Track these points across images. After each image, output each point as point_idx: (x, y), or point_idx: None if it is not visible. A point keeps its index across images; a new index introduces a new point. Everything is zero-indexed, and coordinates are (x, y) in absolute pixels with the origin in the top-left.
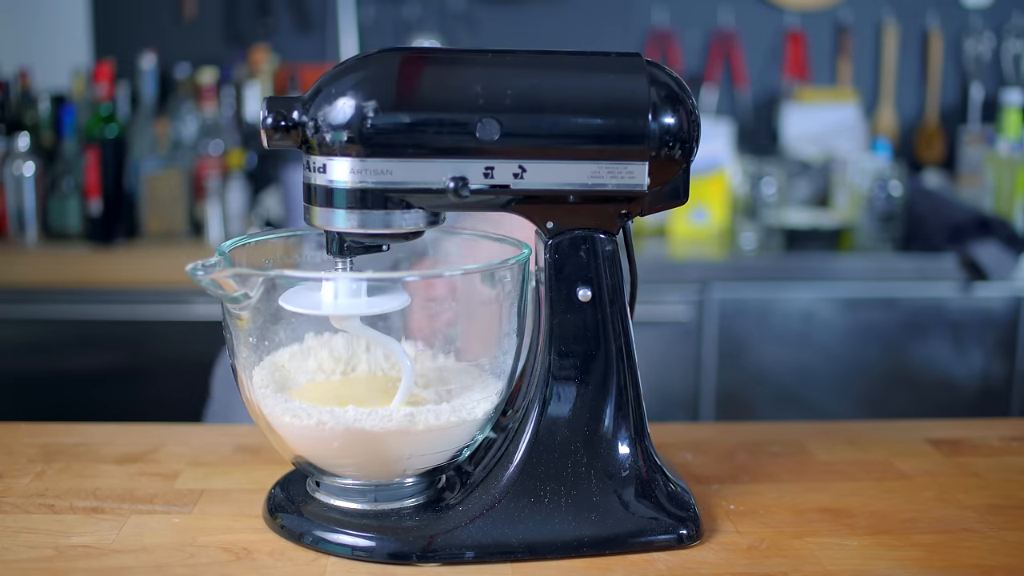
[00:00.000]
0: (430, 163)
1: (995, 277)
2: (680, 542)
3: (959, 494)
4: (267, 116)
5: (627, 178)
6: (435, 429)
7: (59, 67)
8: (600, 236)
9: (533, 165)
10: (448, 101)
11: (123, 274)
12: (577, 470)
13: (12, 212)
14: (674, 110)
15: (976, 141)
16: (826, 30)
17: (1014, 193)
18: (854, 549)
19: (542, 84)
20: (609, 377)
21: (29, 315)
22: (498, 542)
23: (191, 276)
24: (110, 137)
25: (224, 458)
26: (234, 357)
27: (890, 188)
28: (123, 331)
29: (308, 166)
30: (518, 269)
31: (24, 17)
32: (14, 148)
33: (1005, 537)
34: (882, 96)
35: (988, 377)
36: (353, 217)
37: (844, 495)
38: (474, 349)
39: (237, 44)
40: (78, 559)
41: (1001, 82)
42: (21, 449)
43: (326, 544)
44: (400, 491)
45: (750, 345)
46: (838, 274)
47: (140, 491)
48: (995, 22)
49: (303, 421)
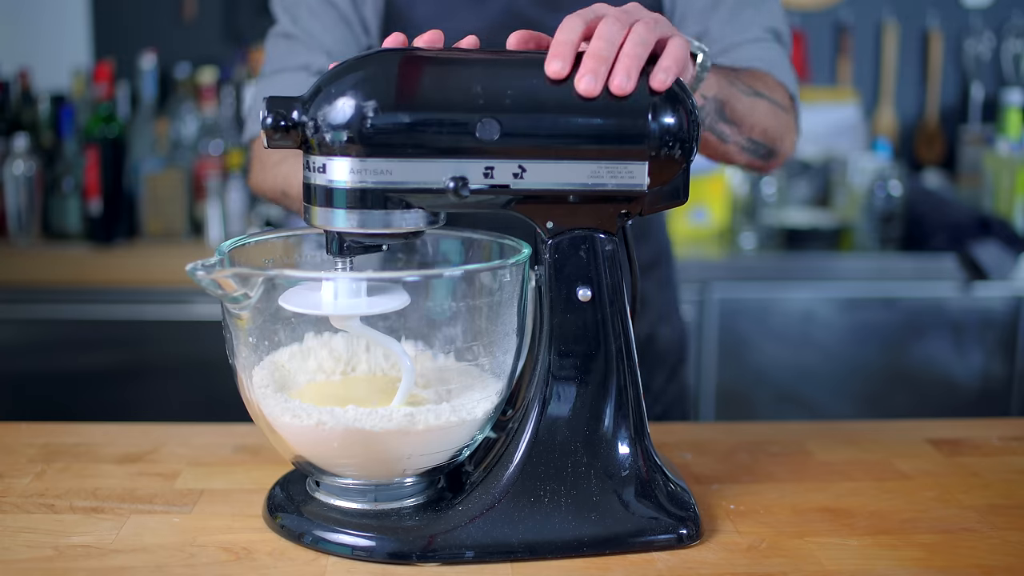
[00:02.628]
0: (430, 163)
1: (995, 277)
2: (680, 542)
3: (959, 494)
4: (267, 116)
5: (627, 178)
6: (435, 429)
7: (59, 67)
8: (600, 236)
9: (533, 165)
10: (448, 101)
11: (123, 274)
12: (577, 470)
13: (12, 212)
14: (674, 110)
15: (976, 141)
16: (826, 30)
17: (1014, 193)
18: (854, 549)
19: (542, 84)
20: (609, 377)
21: (29, 315)
22: (498, 542)
23: (191, 276)
24: (110, 137)
25: (224, 458)
26: (234, 357)
27: (890, 188)
28: (123, 331)
29: (308, 166)
30: (518, 269)
31: (24, 17)
32: (14, 148)
33: (1005, 537)
34: (882, 96)
35: (988, 377)
36: (353, 217)
37: (844, 495)
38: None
39: (237, 44)
40: (78, 559)
41: (1001, 82)
42: (21, 449)
43: (326, 544)
44: (400, 491)
45: (750, 345)
46: (838, 274)
47: (140, 491)
48: (995, 22)
49: (303, 421)
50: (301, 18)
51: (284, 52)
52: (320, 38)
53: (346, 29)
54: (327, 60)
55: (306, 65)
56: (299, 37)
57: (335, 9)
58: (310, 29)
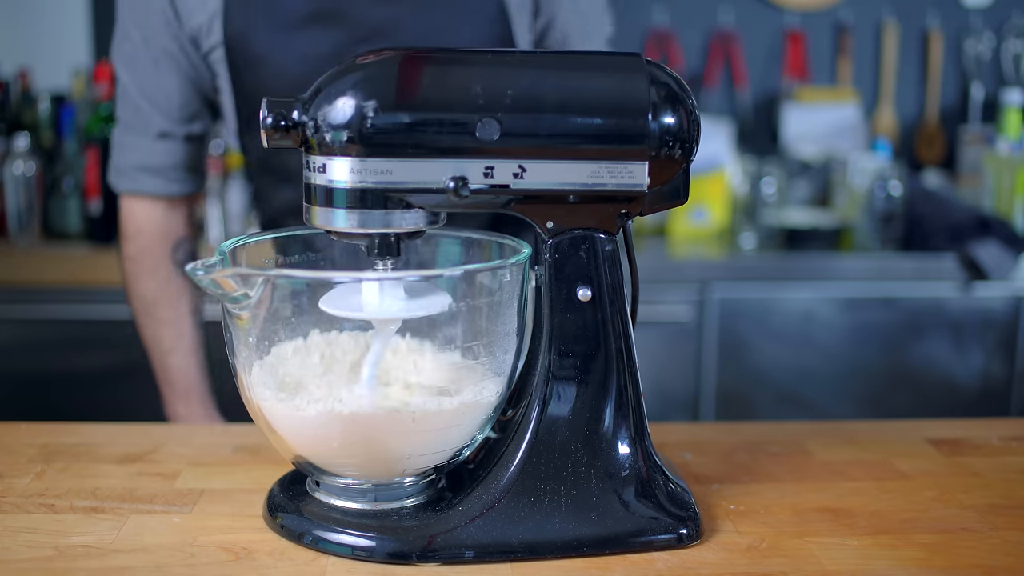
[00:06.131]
0: (430, 163)
1: (995, 277)
2: (680, 542)
3: (959, 494)
4: (267, 116)
5: (627, 178)
6: (435, 429)
7: (59, 67)
8: (600, 236)
9: (533, 165)
10: (448, 101)
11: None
12: (577, 470)
13: (12, 212)
14: (674, 110)
15: (976, 141)
16: (826, 30)
17: (1014, 193)
18: (854, 549)
19: (542, 84)
20: (609, 377)
21: (29, 315)
22: (498, 542)
23: (191, 276)
24: (110, 137)
25: (224, 458)
26: (234, 357)
27: (890, 188)
28: (123, 331)
29: (308, 166)
30: (518, 269)
31: (24, 17)
32: (14, 148)
33: (1005, 537)
34: (882, 96)
35: (988, 377)
36: (353, 217)
37: (844, 495)
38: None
39: None
40: (78, 559)
41: (1001, 82)
42: (21, 449)
43: (326, 544)
44: (400, 491)
45: (750, 345)
46: (838, 274)
47: (140, 491)
48: (995, 22)
49: (302, 420)
50: (147, 88)
51: (134, 118)
52: (167, 111)
53: (192, 90)
54: (180, 126)
55: (163, 133)
56: (147, 106)
57: (179, 72)
58: (156, 99)
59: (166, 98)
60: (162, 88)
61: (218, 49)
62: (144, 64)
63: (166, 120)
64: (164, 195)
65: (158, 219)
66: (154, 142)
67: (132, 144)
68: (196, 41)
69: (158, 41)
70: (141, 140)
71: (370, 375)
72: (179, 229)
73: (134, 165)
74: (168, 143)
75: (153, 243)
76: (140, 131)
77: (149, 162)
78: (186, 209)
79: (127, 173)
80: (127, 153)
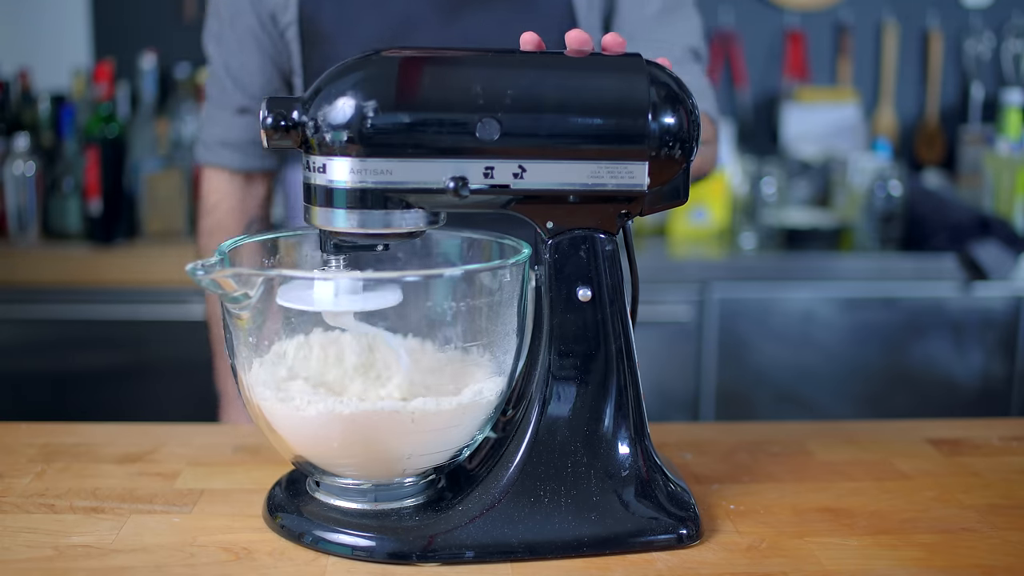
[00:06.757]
0: (430, 163)
1: (995, 277)
2: (680, 542)
3: (959, 494)
4: (267, 116)
5: (627, 178)
6: (435, 429)
7: (59, 67)
8: (600, 236)
9: (533, 165)
10: (448, 101)
11: (123, 274)
12: (577, 470)
13: (12, 212)
14: (674, 110)
15: (976, 141)
16: (826, 30)
17: (1014, 193)
18: (854, 549)
19: (542, 84)
20: (609, 377)
21: (29, 315)
22: (498, 542)
23: (191, 276)
24: (110, 137)
25: (224, 458)
26: (234, 357)
27: (890, 188)
28: (123, 331)
29: (308, 166)
30: (518, 269)
31: (24, 17)
32: (14, 148)
33: (1005, 537)
34: (882, 96)
35: (988, 377)
36: (353, 217)
37: (844, 495)
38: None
39: None
40: (78, 559)
41: (1001, 82)
42: (21, 449)
43: (326, 544)
44: (400, 491)
45: (750, 345)
46: (838, 274)
47: (140, 491)
48: (995, 22)
49: (302, 420)
50: (231, 66)
51: (219, 94)
52: (249, 88)
53: (272, 68)
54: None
55: (243, 108)
56: (230, 83)
57: (260, 50)
58: (239, 77)
59: (248, 75)
60: (245, 66)
61: (293, 26)
62: (229, 41)
63: (247, 97)
64: (242, 169)
65: (236, 193)
66: (234, 117)
67: (216, 118)
68: (275, 17)
69: (243, 19)
70: (223, 114)
71: (403, 359)
72: (254, 208)
73: (216, 139)
74: (248, 118)
75: (229, 218)
76: (223, 106)
77: (229, 136)
78: (263, 189)
79: (209, 146)
80: (211, 127)
